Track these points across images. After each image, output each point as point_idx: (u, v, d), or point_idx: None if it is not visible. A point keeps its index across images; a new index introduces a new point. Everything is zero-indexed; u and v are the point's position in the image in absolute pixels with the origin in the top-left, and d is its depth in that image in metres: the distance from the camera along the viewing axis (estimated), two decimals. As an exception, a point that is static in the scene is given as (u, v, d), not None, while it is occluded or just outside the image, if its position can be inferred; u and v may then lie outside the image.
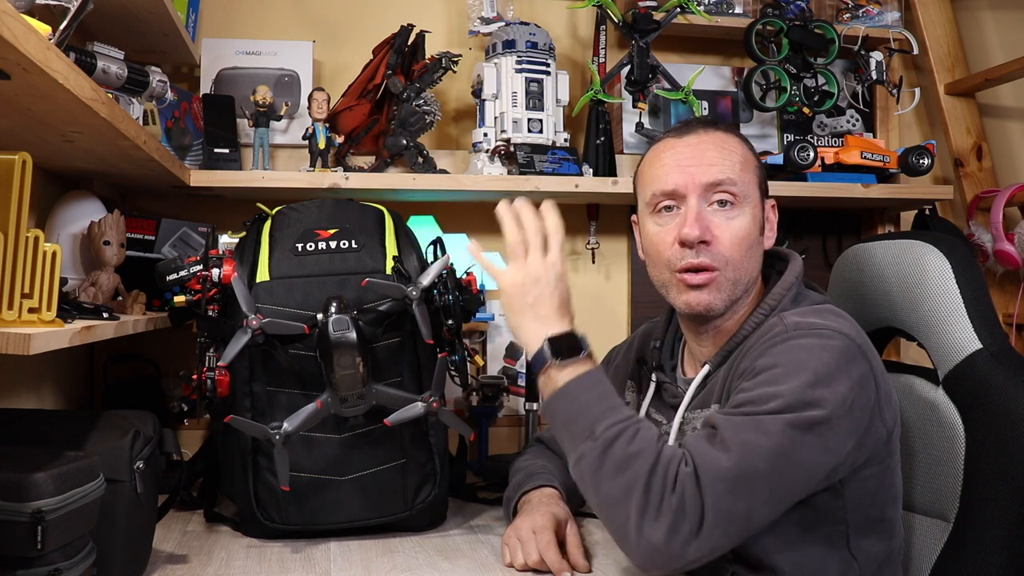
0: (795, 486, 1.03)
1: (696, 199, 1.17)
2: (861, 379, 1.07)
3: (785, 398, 1.02)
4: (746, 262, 1.18)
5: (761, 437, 1.00)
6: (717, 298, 1.17)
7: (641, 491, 0.99)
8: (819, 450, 1.03)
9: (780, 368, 1.05)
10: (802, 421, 1.01)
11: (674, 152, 1.21)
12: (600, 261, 2.07)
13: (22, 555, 0.86)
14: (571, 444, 1.08)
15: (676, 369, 1.31)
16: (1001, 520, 1.18)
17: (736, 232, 1.17)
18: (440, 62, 1.82)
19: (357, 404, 1.26)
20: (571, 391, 1.10)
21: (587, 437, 1.05)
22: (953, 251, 1.30)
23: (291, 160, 1.90)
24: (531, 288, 1.15)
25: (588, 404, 1.08)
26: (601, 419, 1.06)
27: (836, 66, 2.07)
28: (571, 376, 1.10)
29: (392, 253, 1.37)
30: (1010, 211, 2.08)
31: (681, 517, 0.98)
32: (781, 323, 1.12)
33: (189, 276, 1.34)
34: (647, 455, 1.01)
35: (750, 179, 1.20)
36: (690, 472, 0.99)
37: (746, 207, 1.18)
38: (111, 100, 1.12)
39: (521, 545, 1.20)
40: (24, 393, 1.46)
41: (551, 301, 1.14)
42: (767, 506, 1.01)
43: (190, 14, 1.81)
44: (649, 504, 0.99)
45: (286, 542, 1.33)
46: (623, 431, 1.04)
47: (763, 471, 0.99)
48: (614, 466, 1.02)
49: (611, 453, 1.03)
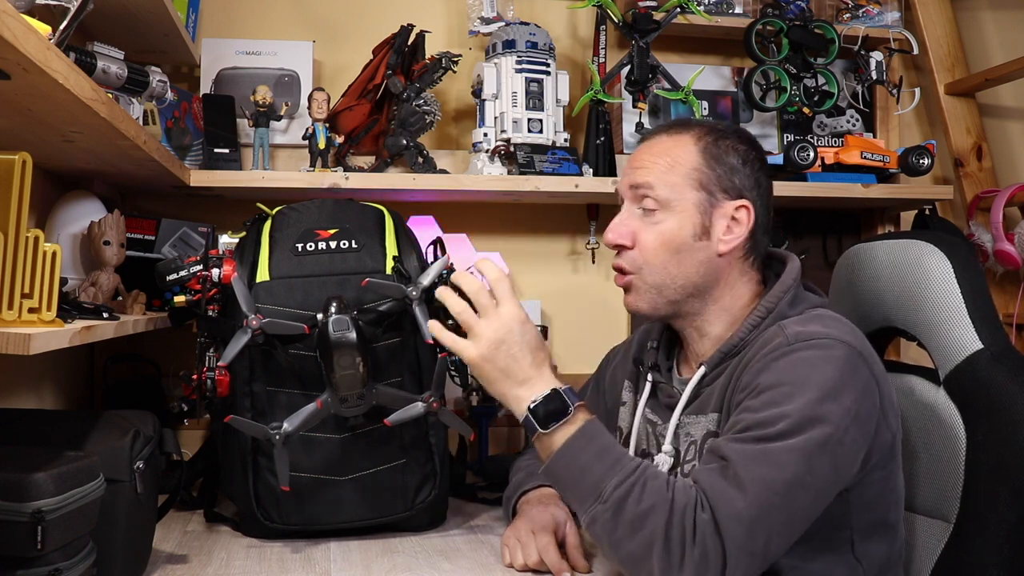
0: (811, 510, 1.03)
1: (628, 203, 1.22)
2: (865, 387, 1.07)
3: (792, 418, 1.02)
4: (670, 267, 1.18)
5: (775, 471, 1.00)
6: (639, 300, 1.21)
7: (661, 547, 0.98)
8: (831, 470, 1.03)
9: (785, 386, 1.04)
10: (813, 443, 1.01)
11: (631, 155, 1.27)
12: (600, 261, 2.07)
13: (22, 555, 0.86)
14: (580, 507, 1.07)
15: (672, 370, 1.31)
16: (1001, 520, 1.18)
17: (655, 237, 1.18)
18: (440, 62, 1.82)
19: (357, 404, 1.26)
20: (568, 453, 1.07)
21: (596, 500, 1.03)
22: (954, 251, 1.30)
23: (291, 160, 1.90)
24: (498, 353, 1.11)
25: (589, 464, 1.05)
26: (606, 479, 1.03)
27: (836, 66, 2.07)
28: (564, 438, 1.08)
29: (392, 253, 1.37)
30: (1010, 211, 2.08)
31: (704, 566, 0.97)
32: (782, 333, 1.11)
33: (189, 276, 1.34)
34: (661, 509, 1.00)
35: (678, 182, 1.18)
36: (708, 519, 0.98)
37: (670, 212, 1.18)
38: (111, 100, 1.12)
39: (521, 545, 1.20)
40: (24, 393, 1.46)
41: (522, 359, 1.11)
42: (783, 534, 1.01)
43: (190, 14, 1.81)
44: (671, 558, 0.98)
45: (286, 542, 1.33)
46: (632, 488, 1.02)
47: (778, 504, 0.99)
48: (629, 526, 1.00)
49: (624, 513, 1.01)
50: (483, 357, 1.11)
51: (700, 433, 1.15)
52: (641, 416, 1.28)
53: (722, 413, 1.13)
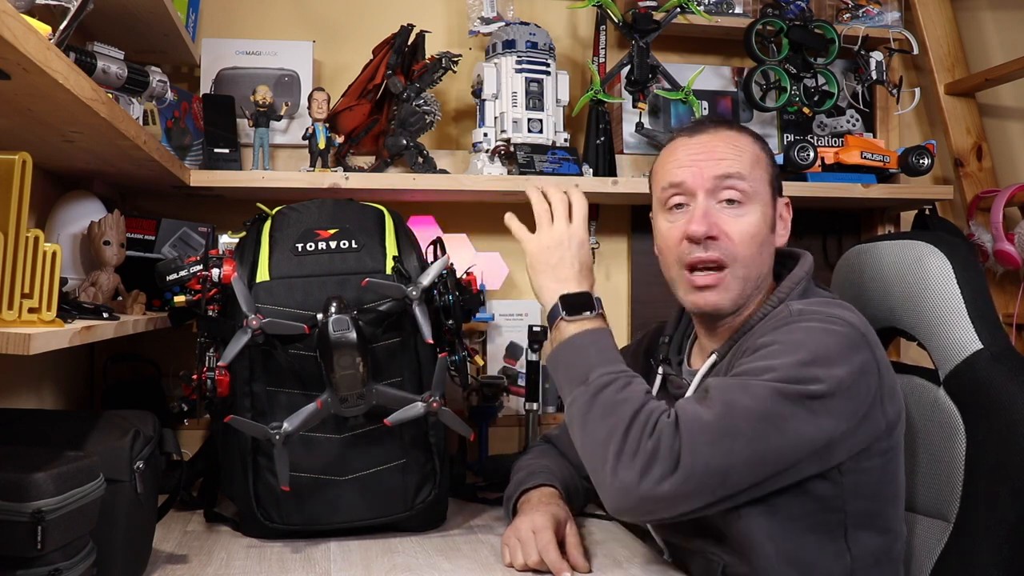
0: (778, 455, 1.03)
1: (704, 195, 1.19)
2: (863, 366, 1.07)
3: (778, 371, 1.04)
4: (756, 259, 1.19)
5: (746, 398, 1.02)
6: (725, 298, 1.19)
7: (621, 434, 1.03)
8: (807, 423, 1.03)
9: (778, 345, 1.08)
10: (792, 392, 1.03)
11: (686, 148, 1.24)
12: (600, 261, 2.07)
13: (22, 555, 0.86)
14: (567, 389, 1.13)
15: (683, 363, 1.32)
16: (1001, 520, 1.18)
17: (745, 229, 1.18)
18: (440, 62, 1.82)
19: (357, 404, 1.26)
20: (575, 341, 1.16)
21: (581, 382, 1.11)
22: (954, 251, 1.30)
23: (291, 160, 1.90)
24: (554, 251, 1.22)
25: (588, 354, 1.14)
26: (596, 367, 1.11)
27: (836, 66, 2.07)
28: (578, 329, 1.17)
29: (392, 253, 1.37)
30: (1010, 211, 2.08)
31: (653, 460, 1.00)
32: (787, 309, 1.14)
33: (189, 276, 1.34)
34: (632, 402, 1.06)
35: (760, 176, 1.21)
36: (670, 422, 1.03)
37: (755, 204, 1.19)
38: (111, 100, 1.12)
39: (521, 545, 1.20)
40: (24, 393, 1.46)
41: (572, 265, 1.21)
42: (747, 468, 1.02)
43: (190, 14, 1.81)
44: (626, 446, 1.02)
45: (286, 542, 1.33)
46: (615, 379, 1.09)
47: (744, 431, 1.01)
48: (601, 410, 1.07)
49: (600, 397, 1.08)
50: (542, 247, 1.23)
51: None
52: None
53: None
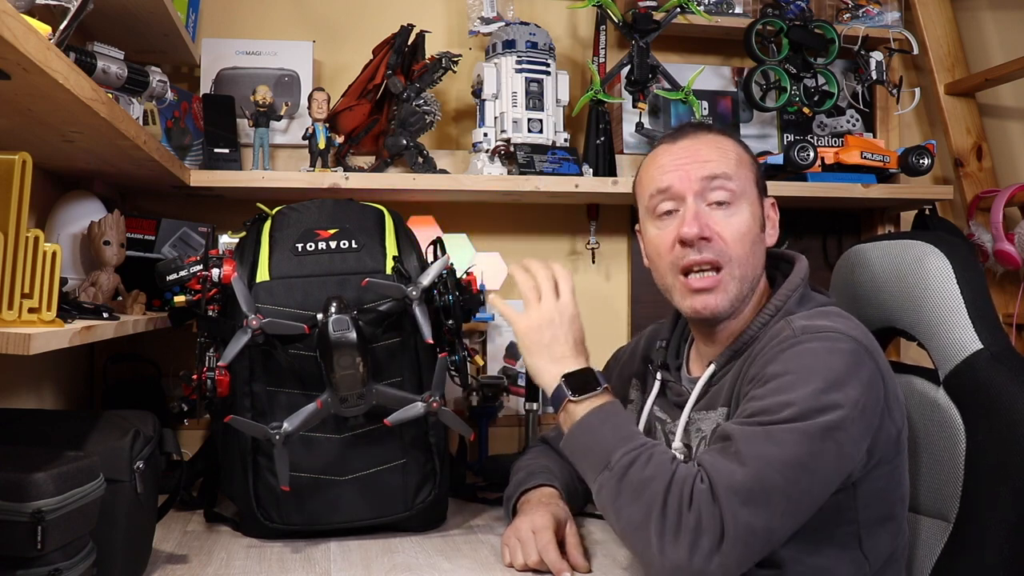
0: (813, 495, 1.03)
1: (693, 198, 1.18)
2: (870, 380, 1.07)
3: (798, 406, 1.02)
4: (750, 258, 1.19)
5: (775, 449, 1.00)
6: (723, 299, 1.17)
7: (659, 513, 1.00)
8: (834, 456, 1.03)
9: (791, 375, 1.05)
10: (816, 428, 1.01)
11: (669, 154, 1.23)
12: (600, 261, 2.07)
13: (22, 555, 0.86)
14: (591, 476, 1.11)
15: (681, 368, 1.32)
16: (1001, 520, 1.18)
17: (737, 228, 1.17)
18: (440, 62, 1.82)
19: (357, 404, 1.26)
20: (588, 423, 1.13)
21: (604, 467, 1.07)
22: (954, 251, 1.30)
23: (291, 160, 1.90)
24: (546, 329, 1.20)
25: (604, 435, 1.11)
26: (616, 448, 1.08)
27: (836, 66, 2.07)
28: (587, 409, 1.14)
29: (392, 253, 1.37)
30: (1010, 211, 2.08)
31: (699, 533, 0.98)
32: (788, 327, 1.12)
33: (189, 276, 1.34)
34: (662, 477, 1.02)
35: (746, 175, 1.21)
36: (705, 488, 1.00)
37: (744, 203, 1.19)
38: (111, 100, 1.12)
39: (521, 545, 1.20)
40: (24, 393, 1.46)
41: (566, 341, 1.19)
42: (787, 517, 1.01)
43: (190, 14, 1.81)
44: (667, 525, 0.99)
45: (286, 542, 1.33)
46: (637, 457, 1.06)
47: (779, 484, 0.99)
48: (631, 492, 1.04)
49: (627, 480, 1.05)
50: (533, 327, 1.21)
51: (710, 428, 1.16)
52: (649, 414, 1.29)
53: (731, 407, 1.14)
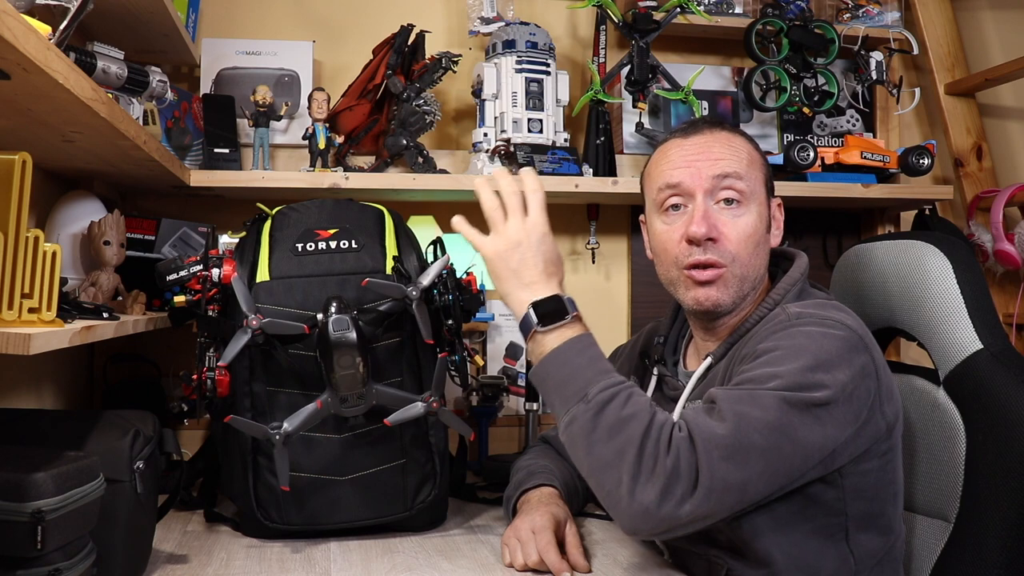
0: (791, 464, 1.03)
1: (703, 196, 1.18)
2: (863, 369, 1.07)
3: (784, 379, 1.03)
4: (753, 259, 1.19)
5: (757, 410, 1.00)
6: (724, 294, 1.18)
7: (635, 453, 0.99)
8: (815, 431, 1.03)
9: (781, 351, 1.06)
10: (799, 400, 1.02)
11: (681, 149, 1.22)
12: (600, 261, 2.07)
13: (22, 555, 0.86)
14: (562, 407, 1.07)
15: (678, 364, 1.32)
16: (1001, 520, 1.18)
17: (742, 229, 1.18)
18: (440, 62, 1.82)
19: (357, 404, 1.26)
20: (561, 355, 1.09)
21: (579, 400, 1.05)
22: (953, 251, 1.30)
23: (291, 160, 1.90)
24: (513, 253, 1.15)
25: (579, 367, 1.07)
26: (593, 382, 1.05)
27: (836, 66, 2.07)
28: (560, 340, 1.10)
29: (392, 253, 1.37)
30: (1010, 211, 2.08)
31: (675, 478, 0.97)
32: (784, 312, 1.13)
33: (189, 276, 1.34)
34: (641, 418, 1.01)
35: (756, 176, 1.21)
36: (685, 436, 0.99)
37: (752, 205, 1.19)
38: (111, 100, 1.12)
39: (521, 545, 1.20)
40: (24, 393, 1.46)
41: (535, 264, 1.14)
42: (762, 480, 1.01)
43: (190, 14, 1.81)
44: (643, 466, 0.98)
45: (286, 542, 1.33)
46: (616, 394, 1.04)
47: (759, 444, 0.99)
48: (607, 429, 1.01)
49: (604, 416, 1.02)
50: (498, 253, 1.15)
51: None
52: None
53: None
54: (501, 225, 1.17)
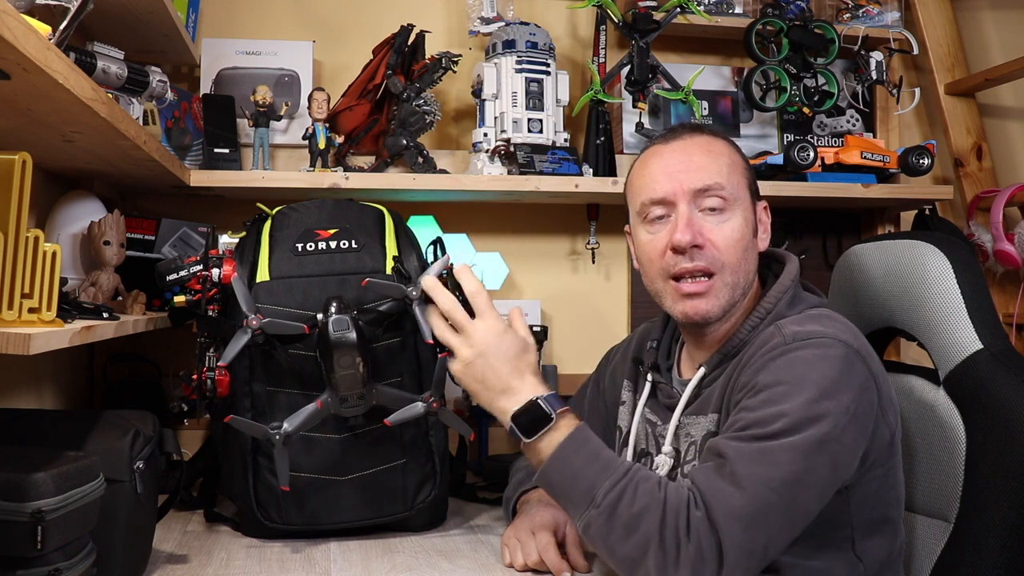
0: (809, 509, 1.03)
1: (686, 205, 1.16)
2: (863, 385, 1.07)
3: (790, 416, 1.01)
4: (742, 264, 1.17)
5: (772, 469, 0.99)
6: (714, 305, 1.16)
7: (656, 548, 0.98)
8: (830, 468, 1.02)
9: (783, 386, 1.04)
10: (811, 442, 1.01)
11: (661, 159, 1.20)
12: (600, 261, 2.07)
13: (22, 555, 0.86)
14: (574, 512, 1.07)
15: (672, 370, 1.31)
16: (1001, 520, 1.18)
17: (729, 235, 1.16)
18: (440, 62, 1.82)
19: (357, 404, 1.26)
20: (557, 461, 1.08)
21: (588, 505, 1.04)
22: (953, 251, 1.30)
23: (291, 160, 1.90)
24: (477, 366, 1.15)
25: (579, 469, 1.06)
26: (598, 483, 1.04)
27: (836, 66, 2.07)
28: (552, 447, 1.09)
29: (392, 253, 1.37)
30: (1010, 211, 2.08)
31: (700, 562, 0.97)
32: (779, 333, 1.10)
33: (189, 276, 1.34)
34: (654, 509, 1.00)
35: (739, 181, 1.19)
36: (702, 516, 0.98)
37: (736, 209, 1.17)
38: (111, 100, 1.12)
39: (521, 545, 1.20)
40: (24, 393, 1.46)
41: (500, 370, 1.14)
42: (784, 532, 1.01)
43: (190, 14, 1.81)
44: (667, 559, 0.98)
45: (286, 542, 1.33)
46: (624, 491, 1.02)
47: (777, 503, 0.99)
48: (623, 529, 1.01)
49: (617, 517, 1.01)
50: (464, 370, 1.16)
51: (700, 434, 1.15)
52: (640, 416, 1.28)
53: (721, 414, 1.13)
54: (455, 341, 1.17)
